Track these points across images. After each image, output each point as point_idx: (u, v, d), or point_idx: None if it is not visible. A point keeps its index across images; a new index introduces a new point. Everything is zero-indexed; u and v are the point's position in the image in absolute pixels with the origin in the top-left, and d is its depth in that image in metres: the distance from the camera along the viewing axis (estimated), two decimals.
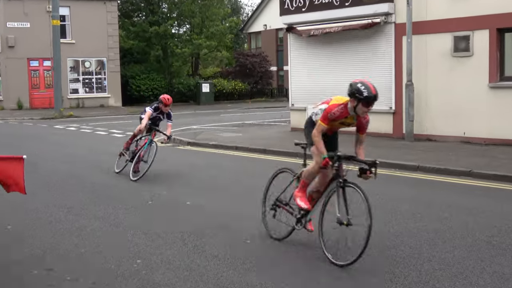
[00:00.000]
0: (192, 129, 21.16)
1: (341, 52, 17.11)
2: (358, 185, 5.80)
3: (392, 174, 11.11)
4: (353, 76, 16.69)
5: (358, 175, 5.77)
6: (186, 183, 10.23)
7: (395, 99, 15.89)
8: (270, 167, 12.02)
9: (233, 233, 6.85)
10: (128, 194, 9.26)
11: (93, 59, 36.49)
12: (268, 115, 28.55)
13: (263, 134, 18.03)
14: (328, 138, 6.21)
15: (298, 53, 18.44)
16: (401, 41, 15.64)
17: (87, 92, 36.56)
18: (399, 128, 15.87)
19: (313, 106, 6.63)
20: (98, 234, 6.90)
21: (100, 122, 25.74)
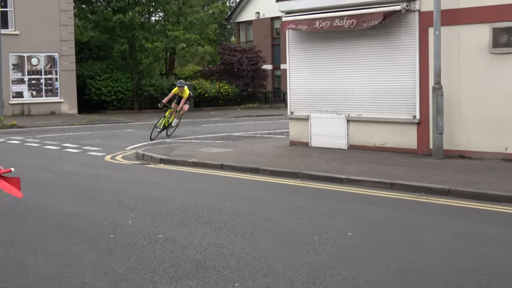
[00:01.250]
0: (166, 143, 21.16)
1: (352, 48, 17.21)
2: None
3: (416, 199, 11.14)
4: (367, 77, 16.84)
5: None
6: (157, 211, 10.21)
7: (420, 106, 15.98)
8: (264, 191, 12.06)
9: (216, 273, 6.85)
10: (86, 224, 9.24)
11: (42, 55, 36.54)
12: (262, 126, 28.62)
13: (255, 150, 18.06)
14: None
15: (299, 48, 18.54)
16: (427, 34, 15.75)
17: (34, 96, 36.57)
18: (425, 142, 15.94)
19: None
20: (47, 275, 6.87)
21: (50, 134, 25.71)
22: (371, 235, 8.47)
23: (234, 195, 11.59)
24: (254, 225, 9.12)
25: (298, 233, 8.63)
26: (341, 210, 10.15)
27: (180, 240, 8.30)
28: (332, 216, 9.66)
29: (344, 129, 17.50)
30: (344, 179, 12.89)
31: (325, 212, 10.01)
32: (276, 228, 8.95)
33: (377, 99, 16.79)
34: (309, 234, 8.52)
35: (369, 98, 16.97)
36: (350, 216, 9.67)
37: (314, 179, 13.26)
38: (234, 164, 15.19)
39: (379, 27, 16.54)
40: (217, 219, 9.58)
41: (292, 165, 14.75)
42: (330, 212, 9.97)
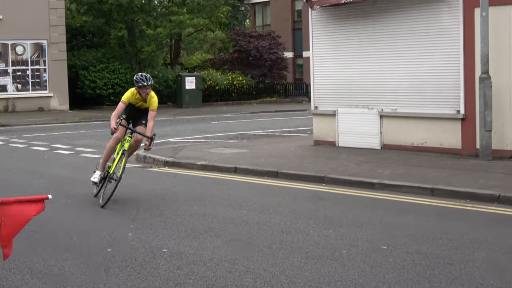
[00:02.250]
0: (171, 143, 21.21)
1: (387, 32, 17.17)
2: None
3: (460, 207, 11.10)
4: (403, 66, 16.81)
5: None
6: (160, 222, 10.24)
7: (465, 99, 15.92)
8: (284, 197, 12.07)
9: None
10: (80, 237, 9.28)
11: (28, 42, 36.74)
12: (281, 123, 28.62)
13: (274, 150, 18.07)
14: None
15: (325, 31, 18.52)
16: (473, 15, 15.68)
17: (20, 90, 36.80)
18: (471, 141, 15.88)
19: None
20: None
21: (38, 133, 25.87)
22: (408, 249, 8.45)
23: (249, 203, 11.61)
24: (272, 237, 9.13)
25: (323, 246, 8.62)
26: (373, 220, 10.14)
27: (188, 255, 8.32)
28: (362, 227, 9.65)
29: (377, 126, 17.47)
30: (376, 184, 12.87)
31: (354, 222, 10.00)
32: (298, 240, 8.95)
33: (415, 91, 16.74)
34: (336, 248, 8.52)
35: (406, 90, 16.92)
36: (384, 227, 9.66)
37: (341, 184, 13.25)
38: (249, 167, 15.19)
39: (417, 9, 16.49)
40: (230, 231, 9.59)
41: (317, 168, 14.75)
42: (361, 222, 9.96)
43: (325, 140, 18.67)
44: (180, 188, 13.48)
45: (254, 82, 45.23)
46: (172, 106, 40.48)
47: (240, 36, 46.28)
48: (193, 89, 40.37)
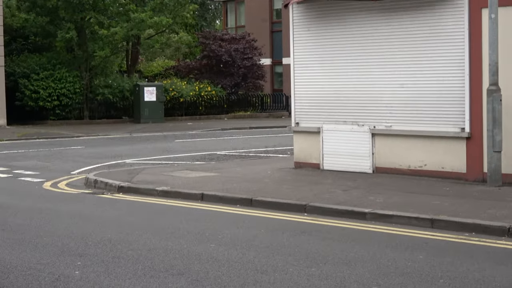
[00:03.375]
0: (127, 165, 21.15)
1: (380, 36, 17.24)
2: None
3: (465, 241, 11.14)
4: (399, 75, 16.92)
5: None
6: (113, 258, 10.19)
7: (470, 115, 16.00)
8: (260, 229, 12.05)
9: None
10: (17, 277, 9.20)
11: None
12: (257, 141, 28.62)
13: (248, 174, 18.06)
14: None
15: (308, 36, 18.57)
16: (480, 18, 15.80)
17: None
18: (477, 163, 15.95)
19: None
20: None
21: None
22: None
23: (218, 236, 11.58)
24: (245, 277, 9.10)
25: (305, 287, 8.62)
26: (363, 257, 10.15)
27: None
28: (351, 265, 9.66)
29: (368, 146, 17.52)
30: (368, 213, 12.89)
31: (342, 259, 10.01)
32: (275, 280, 8.93)
33: (413, 105, 16.81)
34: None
35: (402, 104, 16.99)
36: (376, 265, 9.67)
37: (327, 214, 13.25)
38: (218, 194, 15.15)
39: (416, 9, 16.59)
40: (195, 269, 9.56)
41: (298, 195, 14.75)
42: (349, 259, 9.97)
43: (308, 162, 18.68)
44: (137, 218, 13.42)
45: (226, 94, 45.31)
46: (129, 121, 40.40)
47: (210, 39, 46.36)
48: (153, 101, 40.32)
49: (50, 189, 17.12)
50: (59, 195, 16.33)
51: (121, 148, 26.36)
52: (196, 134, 33.39)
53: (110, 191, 16.56)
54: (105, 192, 16.55)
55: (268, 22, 52.52)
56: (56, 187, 17.37)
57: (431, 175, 16.52)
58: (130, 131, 34.66)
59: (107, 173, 18.82)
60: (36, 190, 16.96)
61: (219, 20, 63.04)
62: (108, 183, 16.95)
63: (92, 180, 17.51)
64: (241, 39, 46.95)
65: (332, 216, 13.09)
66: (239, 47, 45.79)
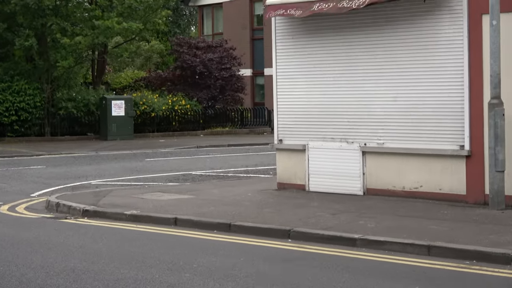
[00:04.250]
0: (92, 186, 21.13)
1: (370, 45, 17.33)
2: None
3: (465, 270, 11.17)
4: (392, 88, 16.99)
5: None
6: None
7: (470, 131, 16.07)
8: (239, 258, 12.07)
9: None
10: None
11: None
12: (236, 160, 28.67)
13: (226, 196, 18.07)
14: None
15: (292, 45, 18.64)
16: (480, 25, 15.90)
17: None
18: (478, 184, 16.01)
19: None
20: None
21: None
22: None
23: (193, 265, 11.59)
24: None
25: None
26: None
27: None
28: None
29: (359, 165, 17.57)
30: (358, 240, 12.92)
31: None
32: None
33: (408, 120, 16.88)
34: None
35: (396, 120, 17.05)
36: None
37: (313, 240, 13.27)
38: (194, 218, 15.16)
39: (410, 15, 16.67)
40: None
41: (281, 219, 14.77)
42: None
43: (292, 182, 18.72)
44: (103, 245, 13.40)
45: (202, 108, 45.35)
46: (95, 138, 40.37)
47: (184, 46, 46.37)
48: (121, 116, 40.31)
49: (7, 213, 17.08)
50: (17, 219, 16.28)
51: (86, 167, 26.33)
52: (169, 152, 33.37)
53: (73, 216, 16.53)
54: (68, 216, 16.52)
55: (248, 29, 52.65)
56: (14, 211, 17.33)
57: (428, 197, 16.57)
58: (96, 149, 34.62)
59: (70, 195, 18.78)
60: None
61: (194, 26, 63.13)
62: (72, 207, 16.91)
63: (54, 203, 17.46)
64: (218, 47, 46.99)
65: (319, 243, 13.11)
66: (215, 56, 45.81)
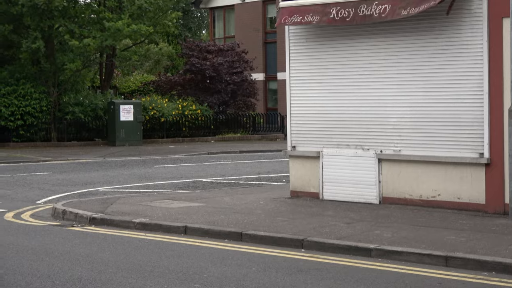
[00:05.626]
0: (100, 193, 21.16)
1: (387, 49, 17.33)
2: None
3: (484, 281, 11.17)
4: (408, 94, 16.99)
5: None
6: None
7: (490, 138, 16.07)
8: (250, 268, 12.08)
9: None
10: None
11: None
12: (248, 167, 28.67)
13: (238, 204, 18.09)
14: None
15: (306, 49, 18.64)
16: (501, 29, 15.90)
17: None
18: (498, 193, 16.00)
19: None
20: None
21: None
22: None
23: (204, 275, 11.61)
24: None
25: None
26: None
27: None
28: None
29: (375, 173, 17.57)
30: (373, 250, 12.92)
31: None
32: None
33: (425, 127, 16.87)
34: None
35: (413, 126, 17.05)
36: None
37: (327, 250, 13.28)
38: (204, 227, 15.17)
39: (428, 19, 16.68)
40: None
41: (294, 228, 14.78)
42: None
43: (306, 190, 18.72)
44: (111, 253, 13.43)
45: (213, 113, 45.37)
46: (102, 144, 40.42)
47: (194, 51, 46.37)
48: (130, 121, 40.36)
49: (12, 220, 17.12)
50: (23, 227, 16.32)
51: (94, 174, 26.36)
52: (179, 159, 33.39)
53: (80, 223, 16.56)
54: (75, 224, 16.55)
55: (261, 32, 52.64)
56: (20, 218, 17.37)
57: (446, 207, 16.57)
58: (103, 155, 34.67)
59: (77, 202, 18.81)
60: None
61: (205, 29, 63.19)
62: (79, 214, 16.94)
63: (60, 211, 17.51)
64: (230, 51, 46.94)
65: (333, 253, 13.12)
66: (226, 60, 45.74)
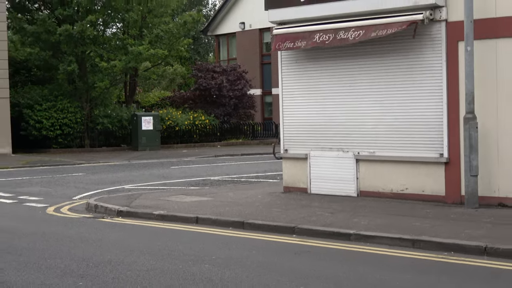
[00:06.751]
0: (125, 190, 21.15)
1: (363, 68, 17.33)
2: None
3: (444, 260, 11.18)
4: (381, 105, 17.02)
5: None
6: (113, 279, 10.19)
7: (449, 141, 16.09)
8: (251, 251, 12.08)
9: None
10: None
11: None
12: (248, 167, 28.66)
13: (240, 198, 18.08)
14: None
15: (295, 68, 18.65)
16: (457, 50, 15.91)
17: None
18: (455, 187, 16.02)
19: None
20: None
21: None
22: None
23: (212, 257, 11.60)
24: None
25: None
26: (349, 276, 10.17)
27: None
28: (338, 285, 9.68)
29: (353, 171, 17.58)
30: (352, 235, 12.93)
31: (329, 278, 10.03)
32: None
33: (395, 133, 16.89)
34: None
35: (384, 132, 17.06)
36: (361, 284, 9.69)
37: (314, 235, 13.29)
38: (212, 217, 15.19)
39: (396, 42, 16.70)
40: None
41: (287, 217, 14.78)
42: (336, 279, 9.99)
43: (296, 186, 18.73)
44: (135, 240, 13.43)
45: (219, 122, 45.39)
46: (127, 149, 40.43)
47: (203, 71, 46.44)
48: (150, 130, 40.41)
49: (53, 213, 17.11)
50: (62, 219, 16.31)
51: (120, 174, 26.36)
52: (191, 161, 33.39)
53: (109, 215, 16.56)
54: (105, 216, 16.55)
55: (258, 55, 52.69)
56: (59, 211, 17.36)
57: (412, 198, 16.57)
58: (128, 158, 34.67)
59: (107, 198, 18.82)
60: (40, 215, 16.95)
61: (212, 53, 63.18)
62: (108, 208, 16.95)
63: (92, 205, 17.51)
64: (233, 71, 47.03)
65: (320, 237, 13.12)
66: (230, 79, 45.93)
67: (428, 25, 16.21)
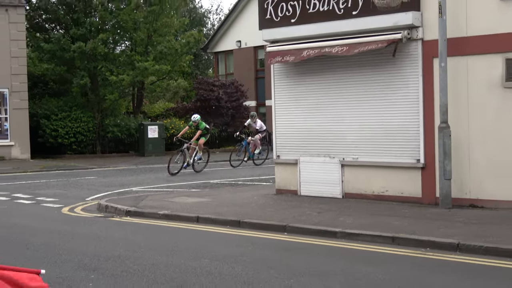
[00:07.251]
0: (133, 192, 21.14)
1: (347, 82, 17.39)
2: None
3: (421, 255, 11.20)
4: (364, 115, 17.04)
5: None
6: (122, 272, 10.21)
7: (425, 148, 16.13)
8: (247, 247, 12.09)
9: None
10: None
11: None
12: (244, 171, 28.68)
13: (237, 199, 18.10)
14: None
15: (286, 82, 18.71)
16: (432, 66, 15.98)
17: None
18: (431, 189, 16.06)
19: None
20: None
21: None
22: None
23: (211, 252, 11.61)
24: None
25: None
26: (335, 269, 10.19)
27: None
28: (324, 278, 9.70)
29: (338, 175, 17.61)
30: (338, 232, 12.95)
31: (316, 272, 10.05)
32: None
33: (376, 140, 16.94)
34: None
35: (367, 140, 17.11)
36: (345, 277, 9.71)
37: (304, 233, 13.31)
38: (211, 216, 15.21)
39: (378, 58, 16.76)
40: (192, 281, 9.58)
41: (279, 217, 14.80)
42: (323, 272, 10.01)
43: (287, 189, 18.74)
44: (142, 237, 13.44)
45: (217, 131, 45.36)
46: (135, 155, 40.37)
47: (203, 84, 46.47)
48: (155, 137, 40.38)
49: (67, 213, 17.10)
50: (75, 218, 16.31)
51: (128, 178, 26.36)
52: None
53: (119, 215, 16.57)
54: (115, 215, 16.56)
55: (253, 70, 52.66)
56: (73, 211, 17.36)
57: (392, 200, 16.60)
58: (135, 163, 34.64)
59: (116, 199, 18.82)
60: (55, 214, 16.94)
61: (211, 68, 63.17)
62: (117, 208, 16.95)
63: (103, 206, 17.51)
64: (230, 85, 47.08)
65: (309, 235, 13.14)
66: (228, 91, 46.01)
67: (406, 43, 16.27)
